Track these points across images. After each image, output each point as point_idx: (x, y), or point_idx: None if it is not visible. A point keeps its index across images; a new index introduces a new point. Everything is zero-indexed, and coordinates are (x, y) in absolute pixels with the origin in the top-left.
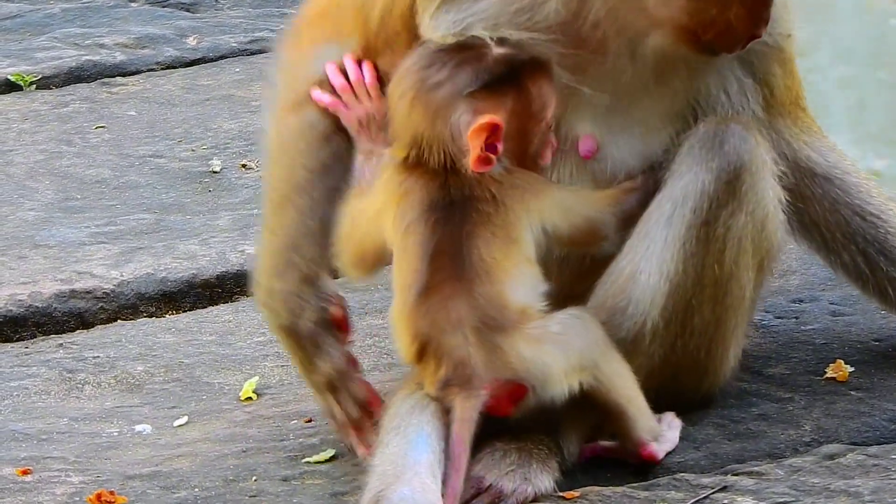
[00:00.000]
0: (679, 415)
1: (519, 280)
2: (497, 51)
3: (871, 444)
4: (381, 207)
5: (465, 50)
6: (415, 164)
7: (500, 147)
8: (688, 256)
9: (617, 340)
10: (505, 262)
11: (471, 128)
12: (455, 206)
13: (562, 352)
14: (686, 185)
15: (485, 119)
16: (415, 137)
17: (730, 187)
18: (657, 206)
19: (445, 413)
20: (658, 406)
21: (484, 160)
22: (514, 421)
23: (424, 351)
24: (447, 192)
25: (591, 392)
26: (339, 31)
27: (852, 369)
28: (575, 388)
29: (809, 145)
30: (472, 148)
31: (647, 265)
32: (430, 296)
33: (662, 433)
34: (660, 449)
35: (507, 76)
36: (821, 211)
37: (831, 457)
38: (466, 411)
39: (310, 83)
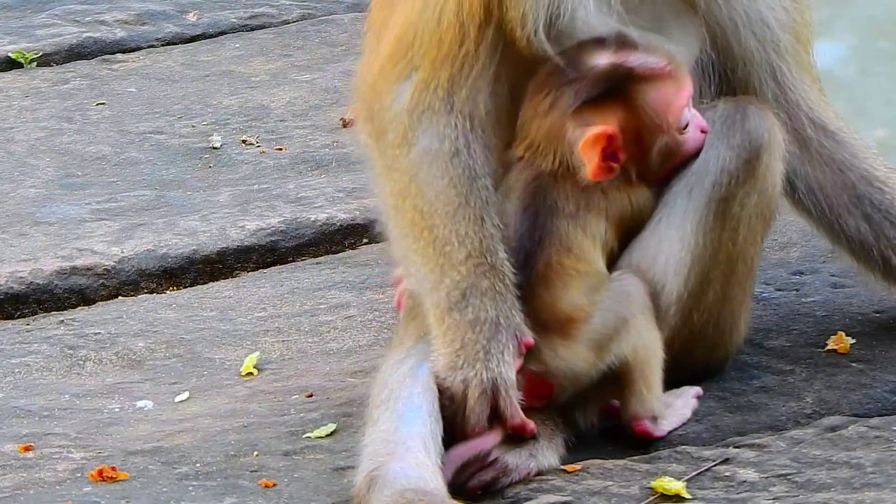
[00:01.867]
0: (679, 386)
1: (577, 288)
2: (600, 63)
3: (873, 416)
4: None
5: (569, 67)
6: (530, 159)
7: (622, 156)
8: (707, 231)
9: None
10: (570, 272)
11: (581, 141)
12: (544, 210)
13: (595, 350)
14: (708, 159)
15: (594, 130)
16: (534, 143)
17: (749, 166)
18: (680, 178)
19: None
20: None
21: (605, 169)
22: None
23: None
24: (542, 195)
25: (620, 355)
26: (412, 64)
27: (853, 341)
28: (608, 365)
29: (822, 104)
30: (589, 160)
31: (669, 234)
32: None
33: (664, 413)
34: (655, 428)
35: (611, 89)
36: (829, 173)
37: (833, 429)
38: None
39: (407, 117)
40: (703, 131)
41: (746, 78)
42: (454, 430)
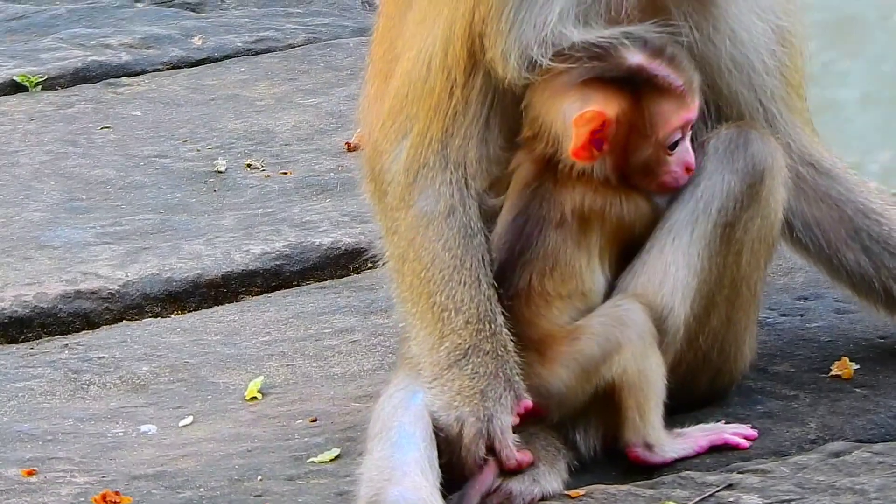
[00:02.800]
0: (685, 412)
1: (560, 309)
2: (632, 59)
3: (877, 442)
4: None
5: (597, 49)
6: (528, 144)
7: (605, 146)
8: (711, 254)
9: None
10: (554, 293)
11: (578, 113)
12: (534, 218)
13: (578, 374)
14: (713, 184)
15: (593, 107)
16: (533, 120)
17: (752, 190)
18: (683, 202)
19: None
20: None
21: (586, 151)
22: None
23: None
24: (537, 202)
25: (612, 381)
26: (409, 120)
27: (857, 367)
28: (598, 390)
29: (815, 142)
30: (577, 135)
31: (675, 258)
32: None
33: (661, 440)
34: (649, 455)
35: (627, 80)
36: (825, 208)
37: (836, 454)
38: None
39: (404, 176)
40: (688, 169)
41: (738, 117)
42: (451, 468)
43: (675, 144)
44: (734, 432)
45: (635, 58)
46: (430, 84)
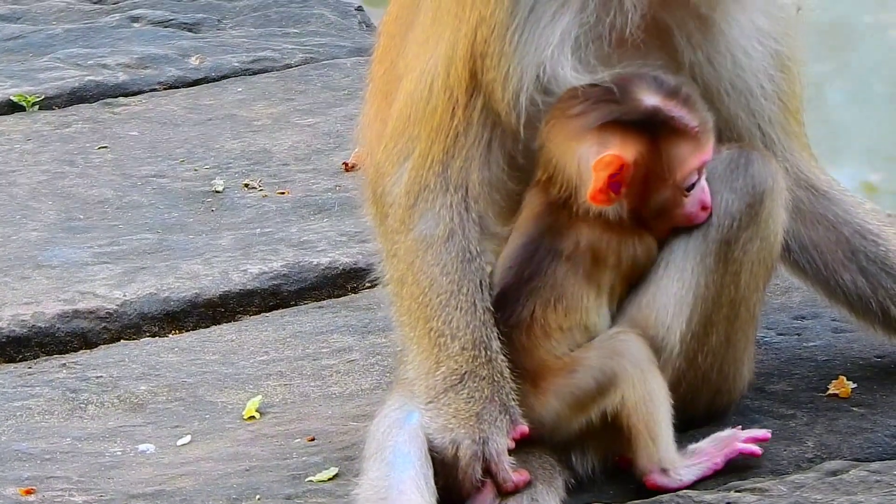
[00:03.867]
0: (682, 431)
1: (559, 341)
2: (648, 101)
3: (874, 461)
4: None
5: (612, 90)
6: (544, 187)
7: (623, 189)
8: (709, 273)
9: None
10: (555, 325)
11: (596, 158)
12: (544, 248)
13: (571, 406)
14: (712, 203)
15: (612, 152)
16: (547, 163)
17: (752, 211)
18: None
19: None
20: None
21: (604, 195)
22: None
23: None
24: (550, 233)
25: (613, 411)
26: (412, 141)
27: (854, 385)
28: (593, 419)
29: (812, 165)
30: (595, 179)
31: (673, 275)
32: None
33: (676, 462)
34: (668, 480)
35: (644, 123)
36: (822, 231)
37: (834, 473)
38: None
39: (405, 199)
40: (704, 207)
41: (736, 140)
42: (448, 491)
43: (692, 185)
44: (748, 438)
45: (651, 100)
46: (433, 105)
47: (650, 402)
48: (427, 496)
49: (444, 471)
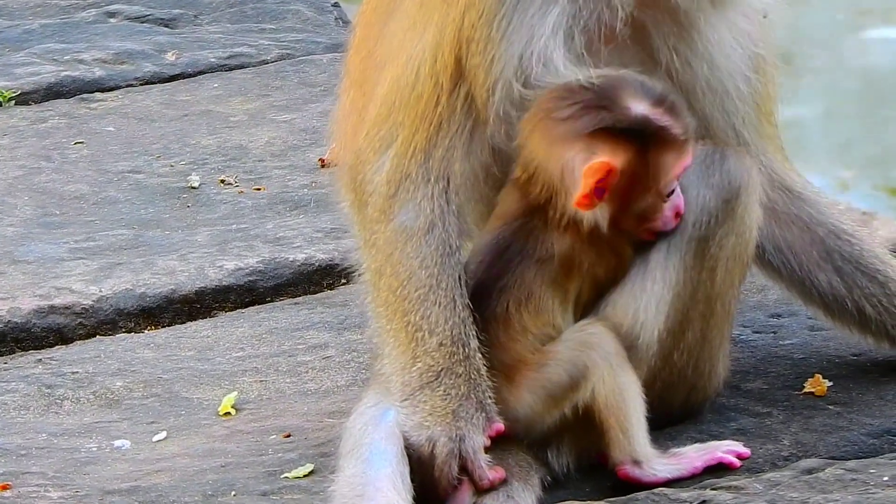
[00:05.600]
0: (659, 429)
1: (536, 332)
2: (637, 109)
3: (850, 459)
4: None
5: (602, 94)
6: (522, 186)
7: (606, 195)
8: (686, 269)
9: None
10: (531, 323)
11: (587, 165)
12: (515, 247)
13: (545, 400)
14: (688, 198)
15: (602, 159)
16: (528, 163)
17: (728, 206)
18: None
19: None
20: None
21: (588, 200)
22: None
23: None
24: (523, 234)
25: (584, 405)
26: (395, 128)
27: (830, 384)
28: (567, 413)
29: (787, 167)
30: (583, 185)
31: (650, 272)
32: None
33: (649, 456)
34: (640, 472)
35: (633, 131)
36: (796, 231)
37: (809, 471)
38: None
39: (385, 188)
40: (677, 214)
41: (711, 138)
42: (424, 489)
43: (672, 192)
44: (728, 450)
45: (639, 107)
46: (418, 91)
47: (620, 395)
48: (403, 494)
49: (421, 468)
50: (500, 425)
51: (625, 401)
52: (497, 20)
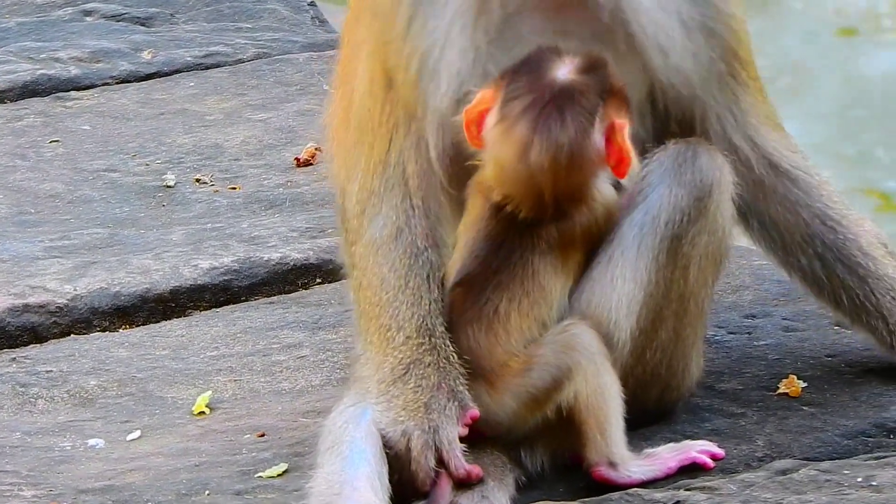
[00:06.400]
0: (632, 429)
1: (520, 336)
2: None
3: (824, 460)
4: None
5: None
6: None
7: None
8: (659, 267)
9: None
10: (515, 324)
11: (613, 132)
12: (511, 241)
13: (526, 404)
14: (661, 196)
15: (620, 119)
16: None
17: (700, 204)
18: (630, 214)
19: None
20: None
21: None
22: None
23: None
24: (510, 229)
25: (565, 405)
26: (360, 149)
27: (805, 385)
28: (547, 415)
29: (774, 138)
30: (623, 143)
31: (622, 271)
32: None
33: (625, 458)
34: (615, 474)
35: (611, 87)
36: (781, 211)
37: (784, 472)
38: None
39: (357, 209)
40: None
41: (688, 124)
42: (403, 486)
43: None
44: (702, 450)
45: (564, 74)
46: (368, 107)
47: (601, 396)
48: (381, 494)
49: (399, 464)
50: (474, 411)
51: (605, 401)
52: (403, 19)
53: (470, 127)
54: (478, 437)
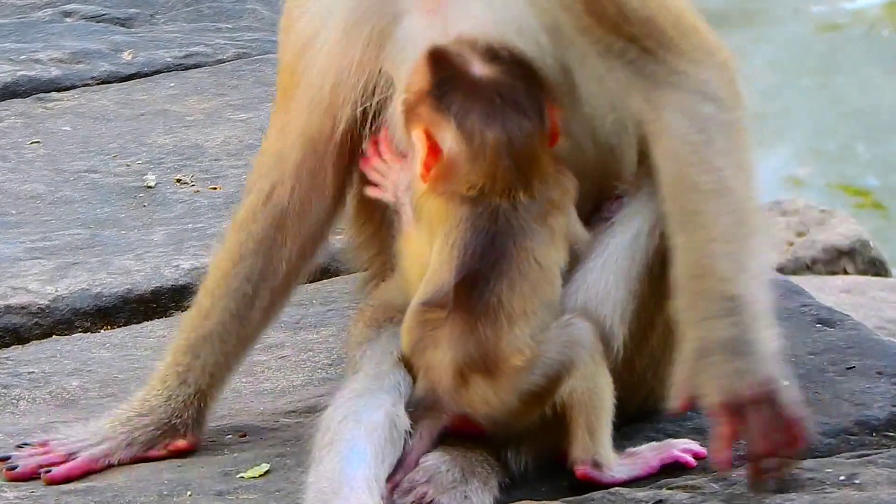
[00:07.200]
0: (614, 429)
1: (524, 326)
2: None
3: (806, 458)
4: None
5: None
6: (476, 195)
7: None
8: (654, 278)
9: None
10: (519, 310)
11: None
12: (499, 235)
13: (527, 402)
14: (655, 206)
15: (549, 95)
16: (491, 176)
17: None
18: (623, 224)
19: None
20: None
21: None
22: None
23: (413, 350)
24: (496, 219)
25: (560, 401)
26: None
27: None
28: (545, 412)
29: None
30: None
31: (616, 280)
32: (439, 307)
33: (610, 458)
34: (599, 474)
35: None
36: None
37: (766, 470)
38: (425, 434)
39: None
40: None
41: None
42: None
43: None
44: (684, 449)
45: (479, 70)
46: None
47: (595, 395)
48: (377, 498)
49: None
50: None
51: (599, 401)
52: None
53: (428, 170)
54: (476, 432)
